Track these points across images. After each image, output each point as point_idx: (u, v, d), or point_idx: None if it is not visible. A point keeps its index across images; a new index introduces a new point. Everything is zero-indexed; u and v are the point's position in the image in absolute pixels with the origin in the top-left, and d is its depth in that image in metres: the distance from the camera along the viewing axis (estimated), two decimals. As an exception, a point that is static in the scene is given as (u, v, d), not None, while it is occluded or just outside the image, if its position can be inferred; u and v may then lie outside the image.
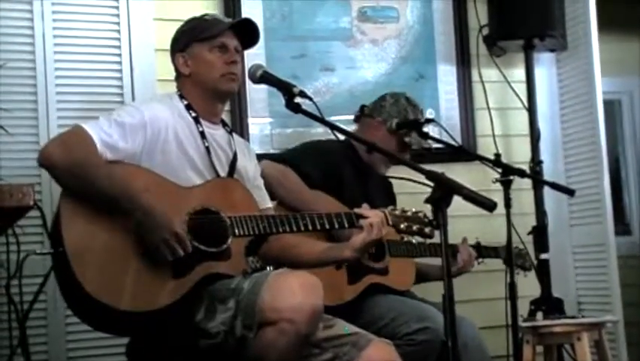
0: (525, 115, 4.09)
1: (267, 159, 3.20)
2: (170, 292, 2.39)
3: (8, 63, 3.30)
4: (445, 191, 2.18)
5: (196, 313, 2.42)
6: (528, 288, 3.73)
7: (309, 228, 2.63)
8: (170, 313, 2.39)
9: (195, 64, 2.69)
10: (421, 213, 2.75)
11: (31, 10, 3.41)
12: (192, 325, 2.41)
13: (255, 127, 3.76)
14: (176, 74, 2.75)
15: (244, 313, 2.34)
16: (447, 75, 4.11)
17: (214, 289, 2.44)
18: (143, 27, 3.56)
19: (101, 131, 2.46)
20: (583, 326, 3.60)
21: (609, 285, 4.01)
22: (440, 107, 4.08)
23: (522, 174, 3.25)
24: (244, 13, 3.67)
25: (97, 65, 3.50)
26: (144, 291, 2.36)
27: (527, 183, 3.84)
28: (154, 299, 2.37)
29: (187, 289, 2.41)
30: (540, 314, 3.74)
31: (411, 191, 3.30)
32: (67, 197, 2.40)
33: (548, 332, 3.65)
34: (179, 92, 2.72)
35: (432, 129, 3.40)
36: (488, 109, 4.15)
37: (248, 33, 2.75)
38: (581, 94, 4.16)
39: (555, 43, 4.10)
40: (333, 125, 2.57)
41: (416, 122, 3.30)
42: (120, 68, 3.52)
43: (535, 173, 3.92)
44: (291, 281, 2.35)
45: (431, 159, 3.39)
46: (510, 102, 4.20)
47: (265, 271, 2.55)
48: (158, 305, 2.37)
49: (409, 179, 3.21)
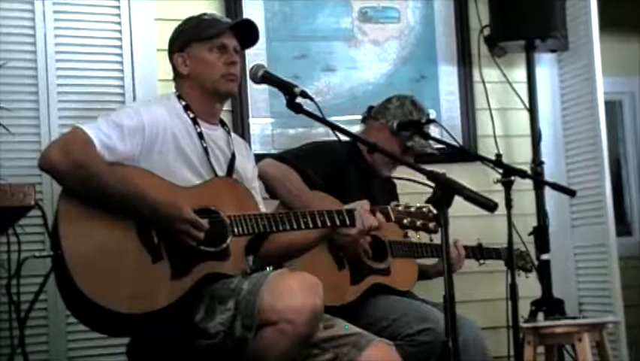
0: (526, 115, 4.08)
1: (269, 157, 3.20)
2: (170, 292, 2.39)
3: (9, 63, 3.30)
4: (446, 191, 2.19)
5: (195, 313, 2.42)
6: (529, 289, 3.72)
7: (310, 225, 2.62)
8: (170, 313, 2.38)
9: (194, 64, 2.68)
10: (425, 209, 2.72)
11: (32, 10, 3.41)
12: (192, 325, 2.41)
13: (256, 127, 3.75)
14: (174, 74, 2.75)
15: (244, 313, 2.34)
16: (448, 76, 4.10)
17: (214, 289, 2.44)
18: (145, 27, 3.55)
19: (99, 132, 2.46)
20: (584, 326, 3.59)
21: (610, 286, 4.00)
22: (441, 107, 4.06)
23: (523, 174, 3.26)
24: (245, 13, 3.67)
25: (98, 65, 3.50)
26: (143, 292, 2.36)
27: (528, 183, 3.83)
28: (153, 300, 2.37)
29: (186, 289, 2.41)
30: (541, 315, 3.74)
31: (412, 191, 3.29)
32: (65, 198, 2.40)
33: (549, 332, 3.65)
34: (177, 92, 2.71)
35: (433, 130, 3.39)
36: (489, 109, 4.14)
37: (247, 33, 2.75)
38: (582, 94, 4.15)
39: (556, 44, 4.08)
40: (334, 126, 2.56)
41: (416, 123, 3.29)
42: (121, 68, 3.52)
43: (536, 173, 3.91)
44: (290, 282, 2.35)
45: (432, 159, 3.38)
46: (511, 103, 4.19)
47: (265, 272, 2.55)
48: (157, 306, 2.37)
49: (410, 179, 3.21)
